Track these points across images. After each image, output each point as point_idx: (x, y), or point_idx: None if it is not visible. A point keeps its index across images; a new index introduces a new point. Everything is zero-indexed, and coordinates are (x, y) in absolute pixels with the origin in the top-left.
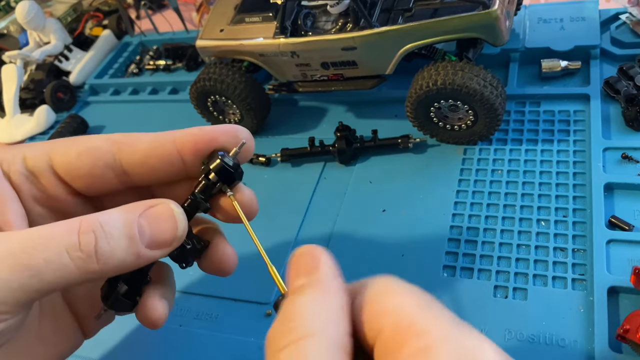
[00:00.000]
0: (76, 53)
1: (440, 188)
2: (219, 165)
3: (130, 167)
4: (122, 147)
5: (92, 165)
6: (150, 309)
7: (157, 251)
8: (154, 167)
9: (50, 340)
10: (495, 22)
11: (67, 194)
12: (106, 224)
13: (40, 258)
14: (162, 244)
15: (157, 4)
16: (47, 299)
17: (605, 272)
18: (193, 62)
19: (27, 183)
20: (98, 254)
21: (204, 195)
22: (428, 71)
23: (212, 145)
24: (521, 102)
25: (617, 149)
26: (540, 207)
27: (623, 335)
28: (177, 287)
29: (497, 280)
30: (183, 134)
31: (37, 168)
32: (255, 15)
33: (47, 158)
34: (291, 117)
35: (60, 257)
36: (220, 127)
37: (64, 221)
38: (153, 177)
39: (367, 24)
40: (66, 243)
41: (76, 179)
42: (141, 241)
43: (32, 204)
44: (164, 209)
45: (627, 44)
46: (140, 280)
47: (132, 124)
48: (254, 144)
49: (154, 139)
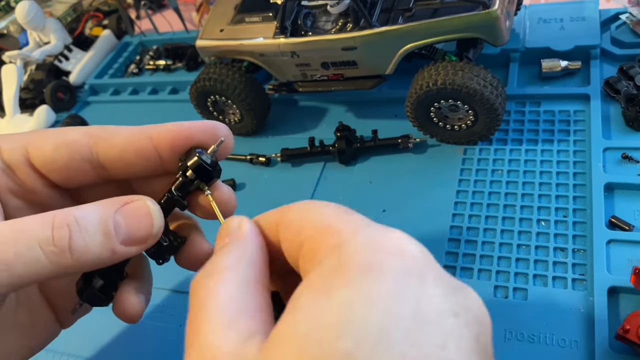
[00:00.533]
0: (76, 53)
1: (440, 188)
2: (196, 162)
3: (107, 161)
4: (99, 141)
5: (68, 158)
6: (126, 303)
7: (133, 248)
8: (131, 162)
9: (27, 332)
10: (495, 22)
11: (44, 187)
12: (81, 219)
13: (10, 252)
14: (137, 241)
15: (157, 4)
16: (23, 291)
17: (605, 272)
18: (193, 62)
19: (3, 176)
20: (72, 248)
21: (181, 193)
22: (428, 71)
23: (190, 141)
24: (521, 102)
25: (617, 149)
26: (541, 207)
27: (623, 335)
28: (177, 287)
29: (497, 280)
30: (160, 130)
31: (13, 161)
32: (255, 15)
33: (23, 151)
34: (291, 117)
35: (31, 252)
36: (198, 124)
37: (38, 215)
38: (130, 171)
39: (367, 24)
40: (39, 237)
41: (53, 171)
42: (116, 237)
43: (8, 196)
44: (140, 206)
45: (627, 44)
46: (116, 275)
47: (132, 124)
48: (232, 141)
49: (131, 133)
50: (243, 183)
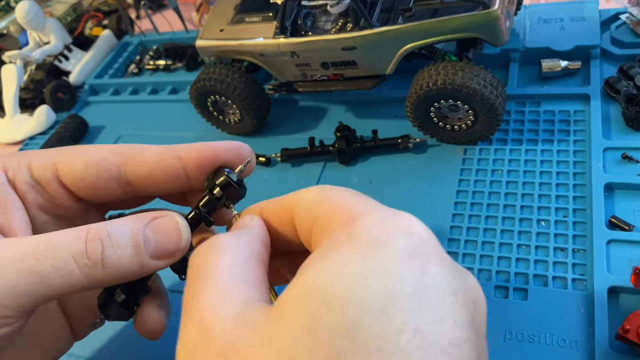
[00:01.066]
0: (76, 53)
1: (440, 188)
2: (224, 181)
3: (135, 179)
4: (128, 160)
5: (97, 177)
6: (149, 319)
7: (161, 262)
8: (158, 180)
9: (43, 343)
10: (495, 22)
11: (71, 202)
12: (113, 233)
13: (48, 264)
14: (165, 255)
15: (157, 4)
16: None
17: (605, 272)
18: (193, 62)
19: (32, 192)
20: (104, 261)
21: (207, 210)
22: (428, 71)
23: (217, 161)
24: (521, 102)
25: (617, 149)
26: (541, 207)
27: (623, 335)
28: (177, 287)
29: (497, 280)
30: (188, 150)
31: (43, 177)
32: (255, 15)
33: (52, 168)
34: (291, 117)
35: (67, 264)
36: (225, 144)
37: (71, 229)
38: (157, 189)
39: (367, 23)
40: (73, 250)
41: (81, 188)
42: (146, 251)
43: (37, 211)
44: (169, 221)
45: (627, 44)
46: (139, 289)
47: (132, 124)
48: (255, 161)
49: (159, 152)
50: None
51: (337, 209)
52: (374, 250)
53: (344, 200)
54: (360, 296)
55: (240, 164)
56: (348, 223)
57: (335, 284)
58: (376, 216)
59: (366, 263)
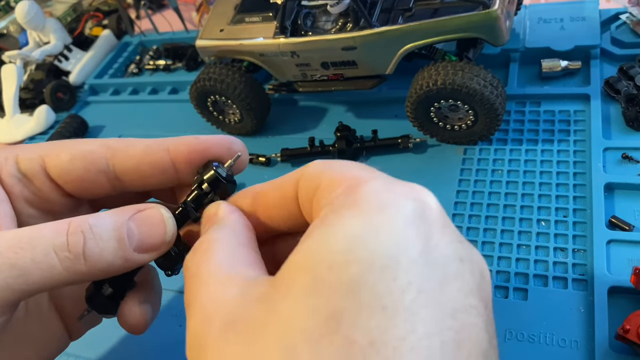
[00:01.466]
0: (76, 53)
1: (440, 188)
2: (212, 176)
3: (123, 172)
4: (116, 153)
5: (84, 170)
6: (129, 313)
7: (145, 255)
8: (147, 174)
9: (36, 342)
10: (495, 22)
11: (59, 196)
12: (95, 226)
13: (27, 257)
14: (150, 248)
15: (157, 4)
16: (33, 299)
17: (605, 272)
18: (193, 62)
19: (19, 185)
20: (86, 255)
21: (195, 205)
22: (428, 71)
23: (206, 155)
24: (521, 102)
25: (617, 149)
26: (541, 207)
27: (623, 335)
28: (177, 287)
29: (497, 281)
30: (177, 143)
31: (30, 170)
32: (255, 15)
33: (40, 161)
34: (291, 117)
35: (47, 257)
36: (215, 138)
37: (53, 222)
38: (145, 183)
39: (367, 23)
40: (54, 243)
41: (69, 182)
42: (129, 244)
43: (23, 205)
44: (154, 213)
45: (627, 44)
46: (125, 283)
47: (132, 124)
48: (247, 156)
49: (147, 146)
50: (243, 183)
51: (339, 176)
52: (377, 214)
53: (346, 168)
54: (363, 255)
55: (231, 159)
56: (351, 188)
57: (337, 244)
58: (382, 182)
59: (369, 223)
